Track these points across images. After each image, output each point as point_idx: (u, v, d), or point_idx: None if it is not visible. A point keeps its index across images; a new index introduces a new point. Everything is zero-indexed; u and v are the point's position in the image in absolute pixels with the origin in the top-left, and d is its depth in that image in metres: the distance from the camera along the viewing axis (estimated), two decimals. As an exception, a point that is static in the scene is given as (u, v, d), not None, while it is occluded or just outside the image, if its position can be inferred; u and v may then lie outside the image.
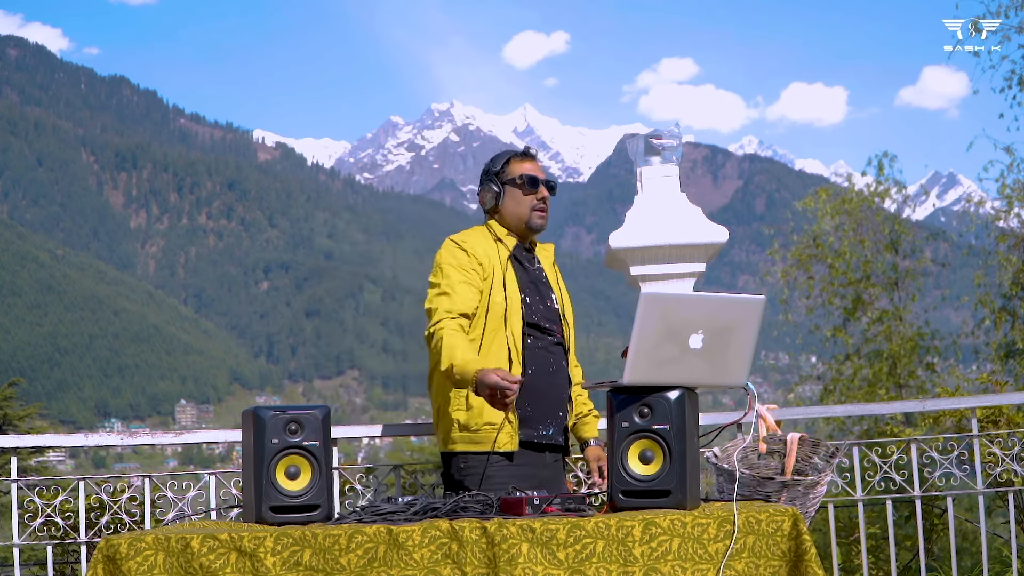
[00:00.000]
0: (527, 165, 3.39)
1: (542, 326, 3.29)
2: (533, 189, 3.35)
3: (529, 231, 3.38)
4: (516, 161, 3.41)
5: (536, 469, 3.24)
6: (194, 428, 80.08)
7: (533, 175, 3.36)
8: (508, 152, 3.44)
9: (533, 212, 3.35)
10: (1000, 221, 14.30)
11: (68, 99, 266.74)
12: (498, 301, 3.22)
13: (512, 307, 3.23)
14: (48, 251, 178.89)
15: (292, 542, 2.48)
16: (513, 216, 3.37)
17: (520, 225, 3.37)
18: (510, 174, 3.38)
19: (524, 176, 3.35)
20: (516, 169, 3.39)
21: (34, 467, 9.28)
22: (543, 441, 3.26)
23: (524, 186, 3.35)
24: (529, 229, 3.37)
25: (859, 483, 4.05)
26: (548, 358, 3.28)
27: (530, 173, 3.36)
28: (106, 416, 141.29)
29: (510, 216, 3.38)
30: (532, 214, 3.35)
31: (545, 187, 3.36)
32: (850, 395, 14.59)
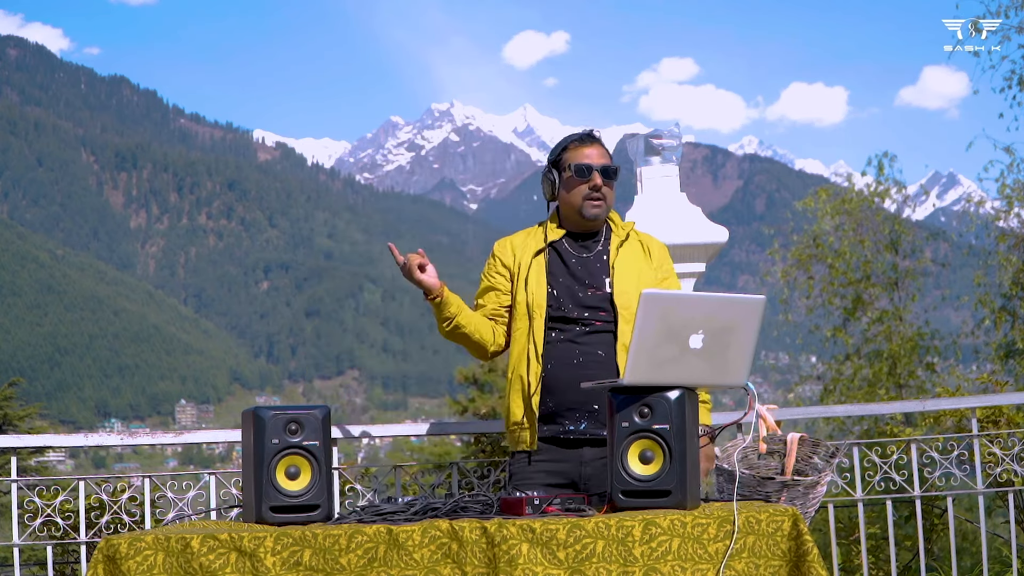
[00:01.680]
0: (584, 151, 3.24)
1: (571, 317, 3.18)
2: (585, 177, 3.20)
3: (585, 220, 3.25)
4: (573, 147, 3.26)
5: (570, 466, 3.15)
6: (194, 428, 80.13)
7: (584, 163, 3.21)
8: (568, 138, 3.30)
9: (586, 202, 3.21)
10: (1000, 221, 14.32)
11: (68, 99, 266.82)
12: (520, 299, 3.20)
13: (535, 303, 3.18)
14: (48, 251, 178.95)
15: (292, 542, 2.48)
16: (567, 205, 3.26)
17: (574, 215, 3.26)
18: (565, 162, 3.25)
19: (574, 165, 3.21)
20: (571, 156, 3.24)
21: (34, 467, 9.29)
22: (572, 436, 3.15)
23: (575, 175, 3.21)
24: (583, 219, 3.23)
25: (859, 483, 4.04)
26: (572, 350, 3.15)
27: (583, 161, 3.21)
28: (106, 416, 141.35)
29: (564, 205, 3.27)
30: (584, 203, 3.21)
31: (600, 174, 3.20)
32: (850, 395, 14.60)
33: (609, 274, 3.22)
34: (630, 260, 3.26)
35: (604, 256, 3.26)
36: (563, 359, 3.16)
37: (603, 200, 3.22)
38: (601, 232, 3.30)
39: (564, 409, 3.15)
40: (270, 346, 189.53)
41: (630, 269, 3.24)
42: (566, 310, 3.18)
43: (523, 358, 3.17)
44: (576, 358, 3.16)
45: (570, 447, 3.16)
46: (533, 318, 3.17)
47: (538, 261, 3.23)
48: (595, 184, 3.20)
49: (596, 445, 3.15)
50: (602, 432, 3.12)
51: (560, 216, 3.31)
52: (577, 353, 3.16)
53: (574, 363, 3.15)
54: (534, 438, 3.16)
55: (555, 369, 3.15)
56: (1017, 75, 12.87)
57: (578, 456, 3.16)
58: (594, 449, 3.15)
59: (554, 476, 3.15)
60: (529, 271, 3.22)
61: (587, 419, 3.16)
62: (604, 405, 3.12)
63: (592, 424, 3.15)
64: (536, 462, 3.17)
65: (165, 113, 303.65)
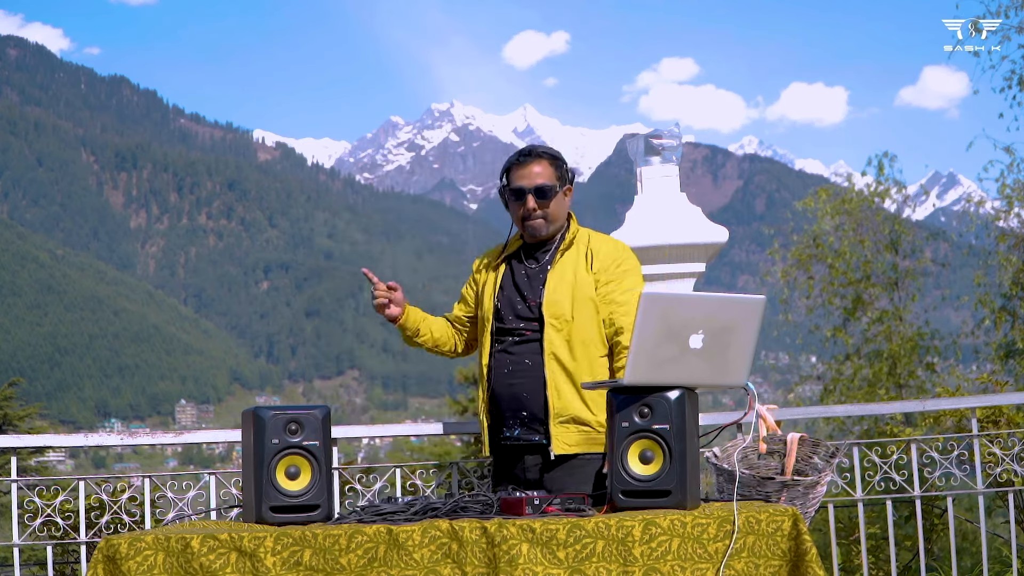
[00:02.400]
0: (521, 172, 3.32)
1: (508, 327, 3.29)
2: (520, 200, 3.30)
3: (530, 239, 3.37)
4: (515, 169, 3.34)
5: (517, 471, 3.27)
6: (194, 428, 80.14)
7: (517, 185, 3.30)
8: (510, 158, 3.38)
9: (525, 223, 3.31)
10: (1000, 221, 14.31)
11: (68, 99, 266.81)
12: (479, 312, 3.40)
13: (485, 316, 3.35)
14: (48, 251, 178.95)
15: (292, 542, 2.48)
16: (516, 225, 3.39)
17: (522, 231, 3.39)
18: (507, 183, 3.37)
19: (509, 190, 3.32)
20: (512, 178, 3.34)
21: (34, 467, 9.29)
22: (509, 443, 3.28)
23: (511, 198, 3.33)
24: (527, 238, 3.37)
25: (859, 483, 4.04)
26: (504, 360, 3.27)
27: (517, 183, 3.30)
28: (106, 416, 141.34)
29: (516, 224, 3.40)
30: (524, 225, 3.32)
31: (534, 195, 3.28)
32: (850, 395, 14.59)
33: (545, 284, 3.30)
34: (566, 267, 3.30)
35: (548, 267, 3.32)
36: (499, 369, 3.28)
37: (540, 219, 3.30)
38: (555, 241, 3.36)
39: (501, 417, 3.29)
40: (270, 346, 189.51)
41: (564, 278, 3.28)
42: (506, 321, 3.30)
43: (481, 371, 3.35)
44: (507, 367, 3.26)
45: (512, 453, 3.30)
46: (485, 331, 3.34)
47: (494, 275, 3.38)
48: (529, 207, 3.29)
49: (533, 452, 3.26)
50: (534, 438, 3.24)
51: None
52: (508, 363, 3.27)
53: (505, 372, 3.27)
54: (487, 446, 3.34)
55: (495, 380, 3.28)
56: (1017, 75, 12.86)
57: (522, 461, 3.28)
58: (532, 456, 3.26)
59: (510, 480, 3.29)
60: (486, 285, 3.38)
61: (519, 426, 3.26)
62: (532, 410, 3.23)
63: (524, 431, 3.25)
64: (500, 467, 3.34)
65: (165, 113, 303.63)
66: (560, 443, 3.20)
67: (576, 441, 3.22)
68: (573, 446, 3.21)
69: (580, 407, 3.22)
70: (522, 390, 3.24)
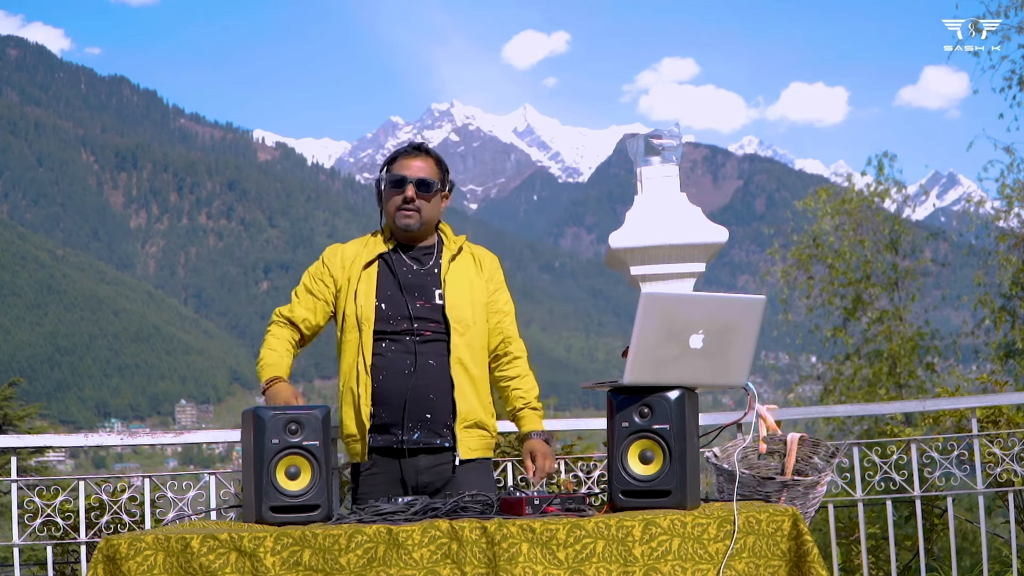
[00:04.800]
0: (405, 163, 3.26)
1: (400, 329, 3.19)
2: (398, 190, 3.22)
3: (400, 231, 3.25)
4: (400, 160, 3.27)
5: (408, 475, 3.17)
6: (194, 428, 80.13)
7: (399, 174, 3.23)
8: (397, 150, 3.32)
9: (398, 211, 3.22)
10: (1000, 221, 14.32)
11: (68, 99, 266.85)
12: (350, 312, 3.21)
13: (363, 316, 3.19)
14: (48, 251, 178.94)
15: (292, 542, 2.48)
16: (387, 216, 3.28)
17: (392, 225, 3.28)
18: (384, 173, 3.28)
19: (388, 176, 3.24)
20: (394, 167, 3.27)
21: (34, 467, 9.27)
22: (408, 447, 3.16)
23: (388, 186, 3.24)
24: (397, 229, 3.25)
25: (859, 483, 4.04)
26: (404, 360, 3.16)
27: (398, 172, 3.23)
28: (106, 416, 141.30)
29: (386, 216, 3.29)
30: (397, 213, 3.22)
31: (415, 186, 3.21)
32: (850, 395, 14.59)
33: (440, 287, 3.24)
34: (461, 274, 3.28)
35: (435, 269, 3.28)
36: (395, 370, 3.17)
37: (416, 212, 3.23)
38: (434, 246, 3.32)
39: (397, 419, 3.17)
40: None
41: (461, 282, 3.26)
42: (395, 322, 3.20)
43: (353, 371, 3.19)
44: (408, 368, 3.17)
45: (402, 457, 3.18)
46: (362, 331, 3.18)
47: (368, 273, 3.24)
48: (407, 196, 3.21)
49: (431, 453, 3.19)
50: (436, 440, 3.18)
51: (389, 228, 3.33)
52: (409, 363, 3.17)
53: (406, 373, 3.17)
54: (365, 450, 3.19)
55: (387, 380, 3.17)
56: (1017, 75, 12.87)
57: (414, 464, 3.18)
58: (430, 456, 3.19)
59: (394, 485, 3.16)
60: (359, 284, 3.23)
61: (420, 428, 3.18)
62: (437, 413, 3.17)
63: (425, 433, 3.18)
64: (369, 474, 3.20)
65: (165, 113, 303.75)
66: (465, 447, 3.20)
67: (478, 445, 3.24)
68: (476, 450, 3.23)
69: (481, 412, 3.25)
70: (428, 391, 3.17)
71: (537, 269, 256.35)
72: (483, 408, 3.25)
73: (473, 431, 3.22)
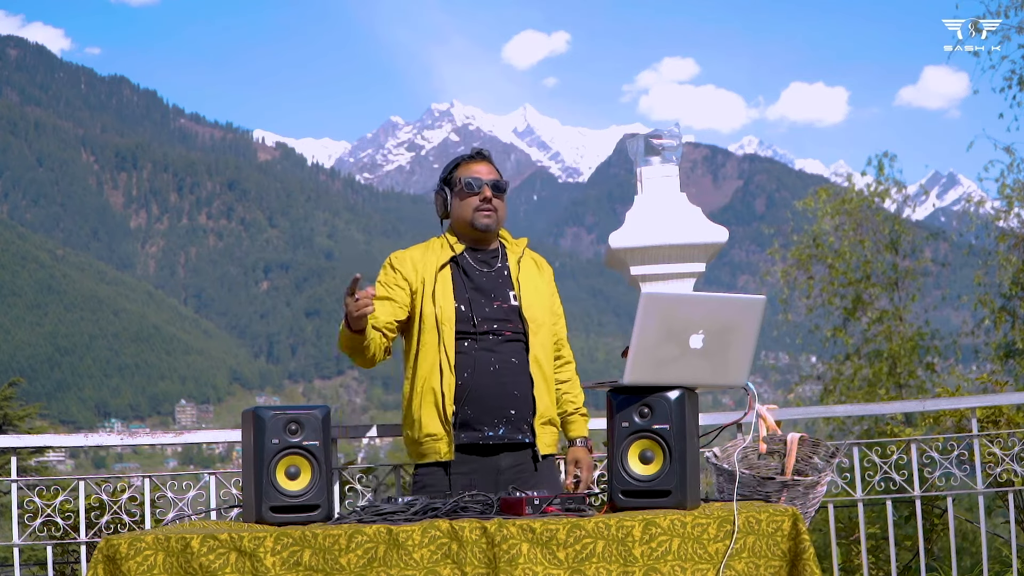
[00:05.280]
0: (474, 167, 3.39)
1: (482, 329, 3.25)
2: (474, 191, 3.34)
3: (477, 232, 3.35)
4: (464, 165, 3.40)
5: (486, 474, 3.20)
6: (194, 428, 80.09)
7: (474, 177, 3.35)
8: (459, 157, 3.45)
9: (476, 213, 3.33)
10: (1000, 221, 14.31)
11: (68, 99, 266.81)
12: (428, 312, 3.26)
13: (444, 316, 3.24)
14: (48, 251, 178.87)
15: (292, 542, 2.48)
16: (459, 219, 3.38)
17: (467, 228, 3.36)
18: (456, 178, 3.39)
19: (464, 179, 3.35)
20: (462, 172, 3.38)
21: (34, 467, 9.27)
22: (492, 443, 3.21)
23: (464, 189, 3.35)
24: (476, 230, 3.35)
25: (859, 483, 4.04)
26: (488, 358, 3.23)
27: (472, 176, 3.35)
28: (106, 416, 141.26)
29: (457, 220, 3.39)
30: (475, 215, 3.33)
31: (489, 187, 3.34)
32: (850, 395, 14.59)
33: (513, 288, 3.35)
34: (530, 276, 3.41)
35: (505, 271, 3.38)
36: (480, 367, 3.23)
37: (493, 211, 3.35)
38: (498, 249, 3.43)
39: (483, 416, 3.22)
40: (270, 346, 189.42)
41: (531, 284, 3.39)
42: (476, 323, 3.26)
43: (435, 370, 3.23)
44: (492, 365, 3.24)
45: (487, 454, 3.23)
46: (443, 331, 3.24)
47: (443, 275, 3.32)
48: (485, 196, 3.34)
49: (513, 450, 3.25)
50: (519, 436, 3.24)
51: (456, 233, 3.41)
52: (493, 361, 3.24)
53: (491, 370, 3.23)
54: (451, 448, 3.21)
55: (472, 377, 3.22)
56: (1017, 75, 12.86)
57: (495, 464, 3.23)
58: (512, 454, 3.25)
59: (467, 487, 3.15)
60: (435, 285, 3.29)
61: (505, 424, 3.23)
62: (520, 410, 3.23)
63: (509, 429, 3.23)
64: (454, 474, 3.21)
65: (165, 113, 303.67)
66: (543, 443, 3.30)
67: (551, 442, 3.34)
68: (549, 446, 3.33)
69: (553, 410, 3.36)
70: (512, 388, 3.24)
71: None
72: (553, 406, 3.36)
73: (548, 428, 3.33)
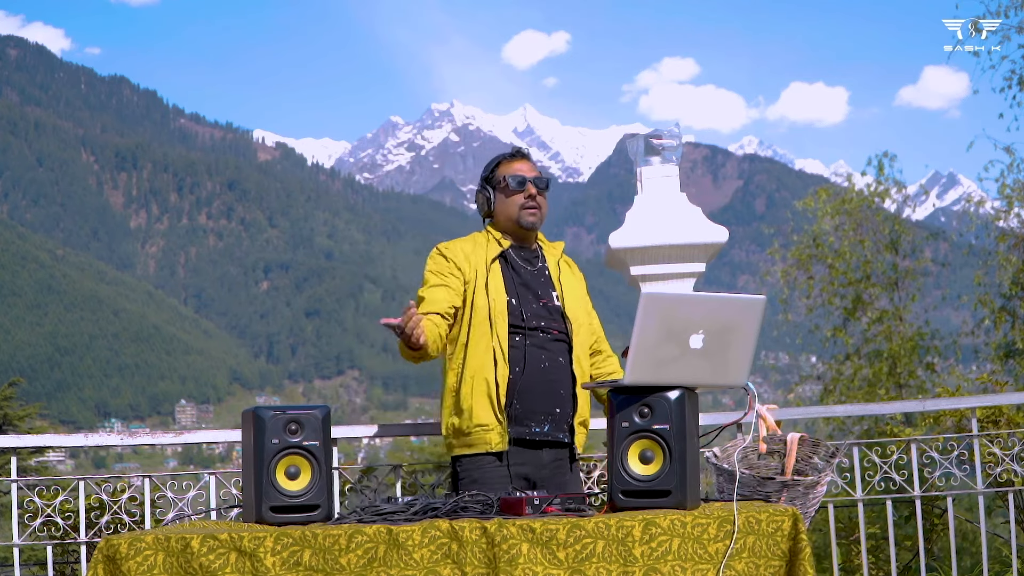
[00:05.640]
0: (516, 165, 3.42)
1: (532, 325, 3.27)
2: (520, 188, 3.37)
3: (522, 230, 3.39)
4: (506, 163, 3.44)
5: (531, 468, 3.23)
6: (194, 428, 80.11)
7: (519, 175, 3.38)
8: (500, 156, 3.48)
9: (522, 211, 3.36)
10: (1000, 221, 14.31)
11: (68, 99, 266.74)
12: (481, 304, 3.26)
13: (496, 309, 3.25)
14: (48, 251, 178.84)
15: (292, 542, 2.48)
16: (504, 217, 3.40)
17: (512, 225, 3.39)
18: (499, 176, 3.42)
19: (509, 177, 3.38)
20: (505, 171, 3.42)
21: (34, 467, 9.27)
22: (536, 438, 3.24)
23: (509, 187, 3.38)
24: (521, 227, 3.38)
25: (859, 483, 4.04)
26: (539, 355, 3.25)
27: (517, 174, 3.39)
28: (106, 416, 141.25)
29: (502, 218, 3.41)
30: (521, 213, 3.36)
31: (533, 185, 3.37)
32: (850, 395, 14.58)
33: (555, 288, 3.38)
34: (568, 277, 3.47)
35: (546, 271, 3.42)
36: (532, 363, 3.24)
37: (538, 209, 3.38)
38: (537, 249, 3.46)
39: (530, 411, 3.24)
40: (270, 346, 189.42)
41: (570, 286, 3.45)
42: (526, 318, 3.28)
43: (488, 361, 3.22)
44: (543, 363, 3.26)
45: (531, 448, 3.24)
46: (496, 323, 3.24)
47: (495, 268, 3.33)
48: (530, 193, 3.36)
49: (554, 447, 3.27)
50: (561, 435, 3.27)
51: (500, 230, 3.43)
52: (543, 358, 3.27)
53: (541, 368, 3.26)
54: (503, 439, 3.21)
55: (524, 372, 3.23)
56: (1017, 75, 12.85)
57: (538, 458, 3.25)
58: (552, 451, 3.27)
59: (518, 480, 3.21)
60: (488, 277, 3.30)
61: (550, 422, 3.25)
62: (564, 409, 3.26)
63: (553, 427, 3.26)
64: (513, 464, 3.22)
65: (165, 113, 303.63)
66: (578, 443, 3.35)
67: (583, 443, 3.39)
68: (581, 446, 3.38)
69: (588, 412, 3.39)
70: (559, 386, 3.27)
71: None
72: (588, 407, 3.39)
73: (582, 428, 3.36)
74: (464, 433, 3.24)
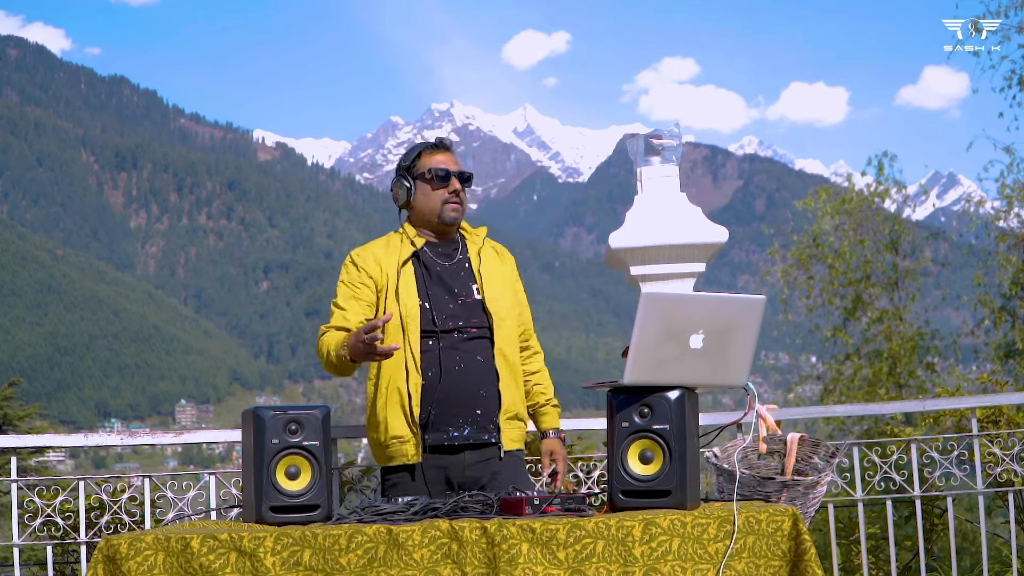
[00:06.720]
0: (438, 157, 3.28)
1: (446, 327, 3.17)
2: (443, 184, 3.25)
3: (443, 225, 3.27)
4: (427, 154, 3.29)
5: (454, 472, 3.16)
6: (194, 428, 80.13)
7: (442, 168, 3.25)
8: (420, 145, 3.33)
9: (445, 205, 3.24)
10: (1000, 221, 14.33)
11: (68, 99, 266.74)
12: (393, 310, 3.15)
13: (408, 314, 3.16)
14: (48, 251, 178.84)
15: (292, 542, 2.48)
16: (425, 211, 3.27)
17: (433, 220, 3.27)
18: (420, 168, 3.28)
19: (433, 170, 3.25)
20: (427, 162, 3.27)
21: (34, 467, 9.26)
22: (456, 443, 3.16)
23: (434, 180, 3.25)
24: (442, 223, 3.26)
25: (859, 483, 4.05)
26: (453, 357, 3.16)
27: (440, 167, 3.25)
28: (106, 416, 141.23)
29: (422, 211, 3.28)
30: (444, 208, 3.24)
31: (458, 179, 3.26)
32: (850, 395, 14.60)
33: (476, 281, 3.26)
34: (492, 267, 3.32)
35: (466, 264, 3.29)
36: (445, 367, 3.16)
37: (460, 204, 3.27)
38: (457, 240, 3.33)
39: (448, 416, 3.16)
40: (270, 346, 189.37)
41: (493, 275, 3.30)
42: (439, 321, 3.18)
43: (400, 370, 3.14)
44: (457, 364, 3.17)
45: (451, 453, 3.17)
46: (407, 330, 3.15)
47: (406, 271, 3.22)
48: (454, 188, 3.25)
49: (475, 448, 3.19)
50: (483, 436, 3.18)
51: (415, 224, 3.31)
52: (458, 359, 3.17)
53: (456, 370, 3.16)
54: (419, 450, 3.15)
55: (437, 377, 3.15)
56: (1017, 75, 12.87)
57: (460, 461, 3.18)
58: (476, 452, 3.18)
59: (436, 484, 3.15)
60: (399, 282, 3.20)
61: (470, 424, 3.17)
62: (486, 409, 3.17)
63: (475, 429, 3.18)
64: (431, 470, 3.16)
65: (165, 113, 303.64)
66: (507, 439, 3.23)
67: (517, 437, 3.27)
68: (515, 441, 3.26)
69: (521, 404, 3.29)
70: (478, 387, 3.18)
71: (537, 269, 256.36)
72: (521, 400, 3.29)
73: (514, 423, 3.25)
74: (383, 446, 3.19)
